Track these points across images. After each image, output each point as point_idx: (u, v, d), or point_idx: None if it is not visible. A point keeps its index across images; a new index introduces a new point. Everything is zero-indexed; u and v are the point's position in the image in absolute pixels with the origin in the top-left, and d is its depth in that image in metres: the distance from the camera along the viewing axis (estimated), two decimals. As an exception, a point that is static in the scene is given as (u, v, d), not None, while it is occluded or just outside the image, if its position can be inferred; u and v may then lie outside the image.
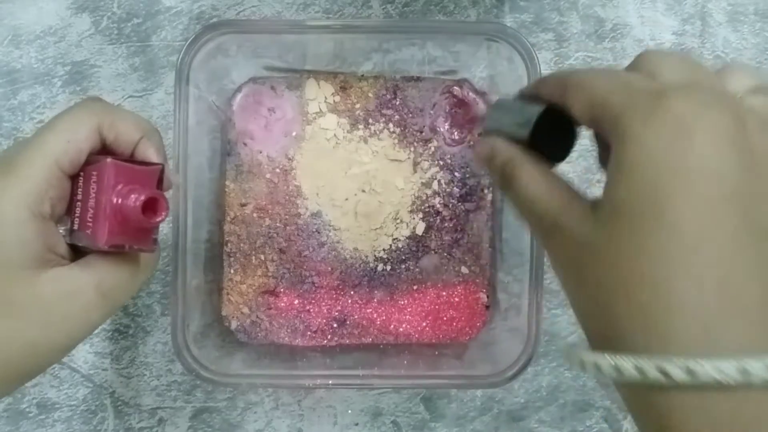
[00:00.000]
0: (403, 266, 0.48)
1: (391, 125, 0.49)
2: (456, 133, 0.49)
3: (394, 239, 0.48)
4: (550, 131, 0.30)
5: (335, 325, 0.48)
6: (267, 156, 0.48)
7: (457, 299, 0.49)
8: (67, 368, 0.48)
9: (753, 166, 0.23)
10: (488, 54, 0.45)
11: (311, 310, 0.48)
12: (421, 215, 0.48)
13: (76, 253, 0.33)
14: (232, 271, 0.48)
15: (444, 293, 0.49)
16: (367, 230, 0.48)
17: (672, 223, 0.22)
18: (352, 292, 0.48)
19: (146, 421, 0.48)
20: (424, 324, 0.48)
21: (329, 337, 0.48)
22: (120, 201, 0.31)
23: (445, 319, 0.48)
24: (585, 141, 0.49)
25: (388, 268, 0.48)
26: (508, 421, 0.49)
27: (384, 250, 0.48)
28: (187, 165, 0.41)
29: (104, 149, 0.33)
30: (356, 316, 0.48)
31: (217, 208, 0.48)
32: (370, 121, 0.48)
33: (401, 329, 0.48)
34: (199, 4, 0.49)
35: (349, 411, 0.49)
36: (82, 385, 0.48)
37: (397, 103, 0.49)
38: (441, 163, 0.48)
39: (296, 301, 0.48)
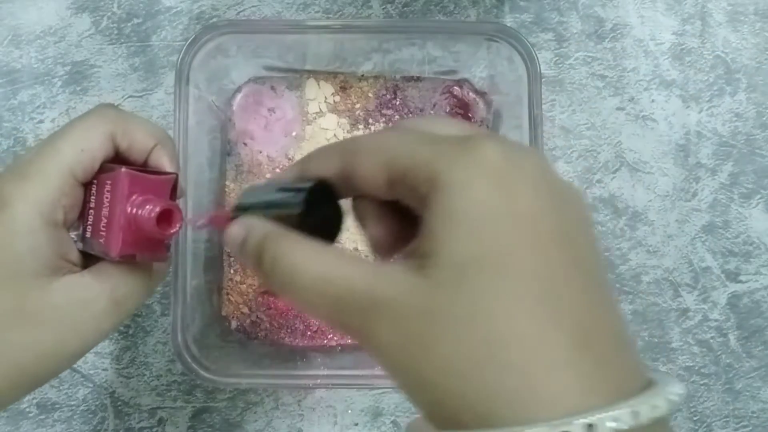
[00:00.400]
0: (403, 266, 0.48)
1: (391, 125, 0.48)
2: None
3: (394, 239, 0.48)
4: (317, 212, 0.26)
5: (335, 325, 0.48)
6: (267, 156, 0.48)
7: (457, 299, 0.48)
8: (67, 368, 0.48)
9: (563, 204, 0.22)
10: (488, 54, 0.45)
11: (311, 310, 0.48)
12: (421, 215, 0.48)
13: (87, 257, 0.33)
14: (232, 271, 0.48)
15: (444, 293, 0.48)
16: (367, 230, 0.48)
17: (521, 273, 0.21)
18: (352, 292, 0.48)
19: (146, 421, 0.48)
20: (424, 324, 0.48)
21: (329, 337, 0.48)
22: (134, 211, 0.31)
23: (445, 319, 0.48)
24: (585, 141, 0.49)
25: (388, 268, 0.48)
26: (508, 421, 0.49)
27: (384, 250, 0.48)
28: (187, 165, 0.41)
29: (117, 156, 0.33)
30: (356, 316, 0.48)
31: (217, 208, 0.48)
32: (370, 121, 0.48)
33: (401, 329, 0.48)
34: (199, 4, 0.49)
35: (349, 411, 0.49)
36: (82, 385, 0.48)
37: (397, 103, 0.49)
38: (441, 163, 0.48)
39: (296, 301, 0.48)
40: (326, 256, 0.24)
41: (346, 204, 0.27)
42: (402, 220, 0.26)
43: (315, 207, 0.26)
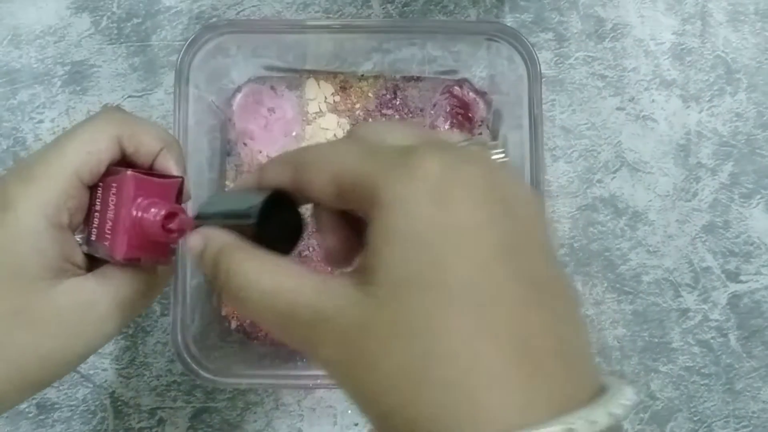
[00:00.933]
0: (403, 266, 0.48)
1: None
2: (456, 133, 0.48)
3: (394, 239, 0.48)
4: (274, 221, 0.26)
5: (335, 325, 0.48)
6: (267, 156, 0.48)
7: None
8: (66, 368, 0.48)
9: (507, 213, 0.22)
10: (488, 54, 0.45)
11: (311, 310, 0.48)
12: (421, 215, 0.48)
13: (92, 260, 0.33)
14: (231, 271, 0.48)
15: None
16: (367, 230, 0.48)
17: (457, 288, 0.20)
18: (352, 292, 0.48)
19: (146, 422, 0.48)
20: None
21: (329, 337, 0.48)
22: (139, 214, 0.31)
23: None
24: (585, 140, 0.49)
25: (388, 268, 0.48)
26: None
27: (384, 250, 0.48)
28: (186, 165, 0.41)
29: (124, 160, 0.33)
30: (356, 316, 0.48)
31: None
32: (371, 121, 0.48)
33: (401, 329, 0.48)
34: (199, 3, 0.49)
35: (349, 411, 0.49)
36: (82, 385, 0.48)
37: (398, 103, 0.49)
38: (441, 163, 0.48)
39: (296, 301, 0.48)
40: (276, 269, 0.24)
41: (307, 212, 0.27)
42: (358, 231, 0.26)
43: (271, 217, 0.26)
